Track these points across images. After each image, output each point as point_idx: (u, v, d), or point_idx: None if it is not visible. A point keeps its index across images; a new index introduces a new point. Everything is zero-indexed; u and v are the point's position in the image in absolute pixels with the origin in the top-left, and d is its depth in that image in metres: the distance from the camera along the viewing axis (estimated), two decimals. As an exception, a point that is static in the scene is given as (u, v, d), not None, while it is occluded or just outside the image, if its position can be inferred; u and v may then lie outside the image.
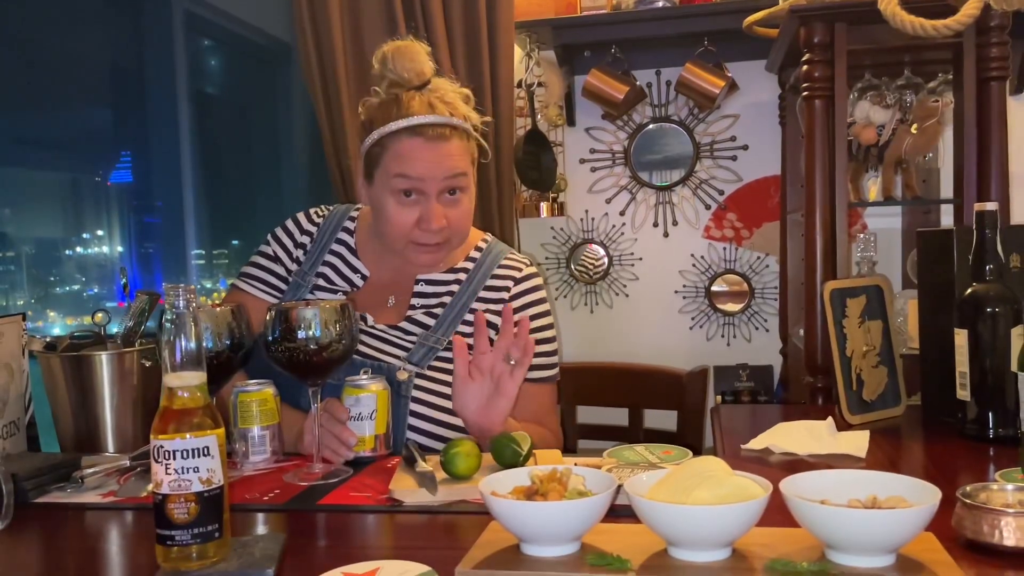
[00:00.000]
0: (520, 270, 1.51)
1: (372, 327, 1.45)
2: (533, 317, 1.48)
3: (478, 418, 1.27)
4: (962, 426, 1.33)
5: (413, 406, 1.39)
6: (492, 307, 1.47)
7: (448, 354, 1.40)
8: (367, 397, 1.27)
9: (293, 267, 1.52)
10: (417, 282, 1.49)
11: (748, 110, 2.50)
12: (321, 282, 1.50)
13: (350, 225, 1.54)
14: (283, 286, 1.51)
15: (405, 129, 1.36)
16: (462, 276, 1.49)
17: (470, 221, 1.46)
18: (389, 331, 1.45)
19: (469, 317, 1.45)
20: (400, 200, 1.38)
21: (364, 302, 1.49)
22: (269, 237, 1.55)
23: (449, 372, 1.39)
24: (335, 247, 1.52)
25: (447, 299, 1.47)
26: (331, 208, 1.58)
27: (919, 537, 0.79)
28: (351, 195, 2.23)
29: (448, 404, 1.38)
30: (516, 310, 1.47)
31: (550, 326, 1.52)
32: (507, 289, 1.49)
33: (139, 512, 1.10)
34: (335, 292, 1.49)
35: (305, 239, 1.53)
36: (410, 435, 1.40)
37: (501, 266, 1.51)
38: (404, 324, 1.46)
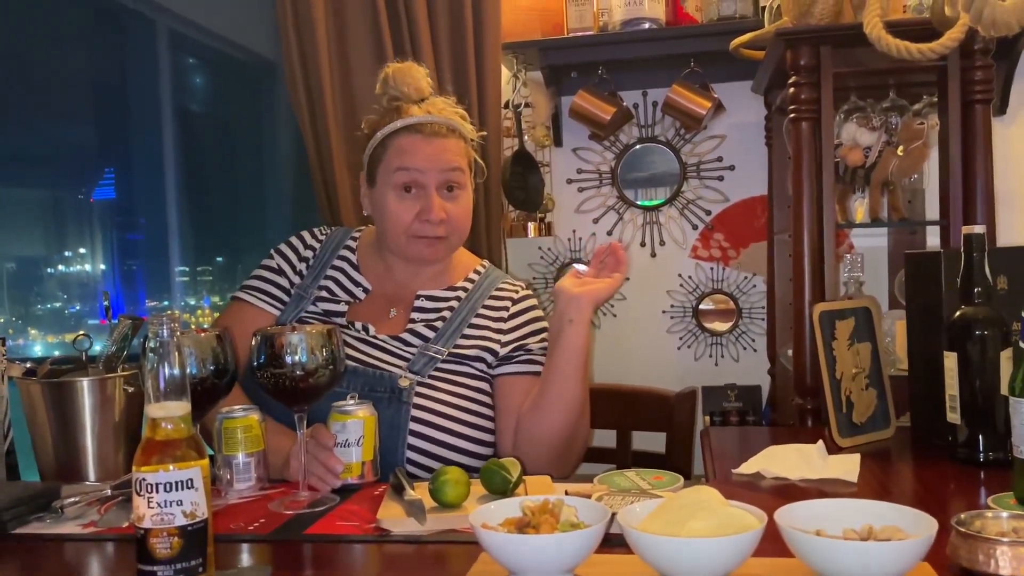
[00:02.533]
0: (517, 291, 1.58)
1: (374, 337, 1.48)
2: (534, 333, 1.53)
3: (574, 289, 1.38)
4: (953, 449, 1.33)
5: (415, 412, 1.39)
6: (492, 324, 1.52)
7: (448, 365, 1.45)
8: (354, 423, 1.25)
9: (296, 280, 1.55)
10: (418, 297, 1.52)
11: (734, 131, 2.51)
12: (324, 294, 1.53)
13: (351, 244, 1.59)
14: (286, 298, 1.54)
15: (405, 128, 1.45)
16: (462, 294, 1.54)
17: (469, 220, 1.51)
18: (390, 341, 1.47)
19: (468, 331, 1.49)
20: (400, 195, 1.45)
21: (366, 313, 1.52)
22: (273, 252, 1.58)
23: (449, 382, 1.44)
24: (337, 263, 1.56)
25: (447, 313, 1.51)
26: (333, 228, 1.64)
27: (915, 568, 0.78)
28: (336, 214, 2.22)
29: (449, 411, 1.42)
30: (518, 325, 1.53)
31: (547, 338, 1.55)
32: (506, 308, 1.54)
33: (120, 543, 1.08)
34: (338, 303, 1.52)
35: (308, 253, 1.58)
36: (411, 440, 1.39)
37: (499, 288, 1.57)
38: (405, 335, 1.48)
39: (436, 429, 1.40)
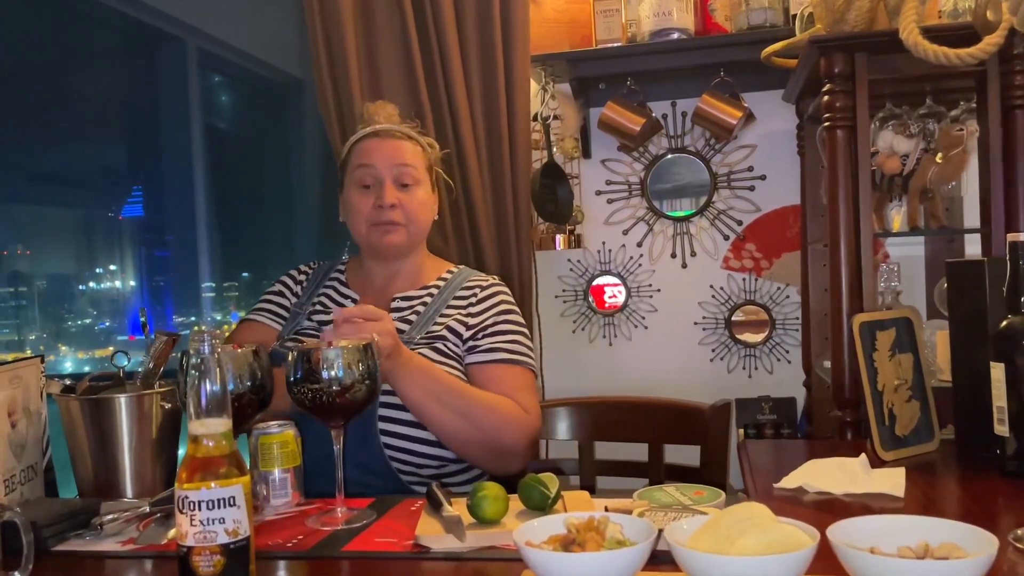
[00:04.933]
0: (487, 281, 1.68)
1: None
2: (498, 313, 1.62)
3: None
4: (1001, 462, 1.29)
5: (384, 397, 1.44)
6: (462, 309, 1.61)
7: (420, 349, 1.53)
8: None
9: (293, 300, 1.72)
10: (394, 299, 1.64)
11: (765, 140, 2.49)
12: (317, 308, 1.68)
13: (341, 267, 1.77)
14: (286, 315, 1.71)
15: (365, 135, 1.65)
16: (434, 291, 1.65)
17: (425, 212, 1.65)
18: None
19: (440, 320, 1.60)
20: (361, 192, 1.62)
21: None
22: (275, 281, 1.78)
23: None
24: (328, 283, 1.74)
25: (420, 308, 1.62)
26: (324, 261, 1.82)
27: (975, 587, 0.76)
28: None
29: None
30: (483, 310, 1.62)
31: (517, 322, 1.64)
32: (475, 295, 1.64)
33: (159, 560, 1.08)
34: (327, 313, 1.65)
35: (303, 277, 1.76)
36: (382, 426, 1.45)
37: (470, 280, 1.67)
38: None
39: (407, 411, 1.45)
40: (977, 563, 0.73)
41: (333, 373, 1.16)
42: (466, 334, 1.58)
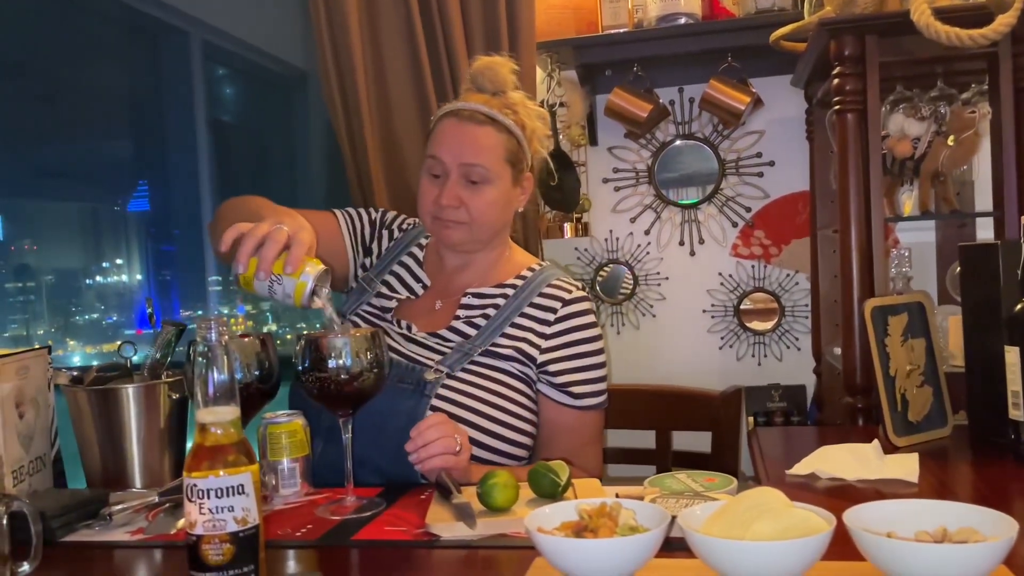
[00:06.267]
0: (569, 292, 1.50)
1: (415, 335, 1.49)
2: (577, 342, 1.47)
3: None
4: (1015, 447, 1.28)
5: (436, 402, 1.38)
6: (536, 327, 1.47)
7: (481, 359, 1.44)
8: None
9: (375, 254, 1.62)
10: (465, 294, 1.51)
11: (773, 126, 2.47)
12: (384, 290, 1.57)
13: (423, 241, 1.63)
14: (359, 243, 1.61)
15: (447, 113, 1.49)
16: (509, 292, 1.50)
17: (493, 212, 1.48)
18: (430, 338, 1.48)
19: (509, 330, 1.46)
20: (429, 179, 1.48)
21: (415, 308, 1.54)
22: (387, 212, 1.67)
23: (483, 376, 1.43)
24: (405, 259, 1.61)
25: (491, 311, 1.49)
26: (413, 224, 1.67)
27: (994, 571, 0.74)
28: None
29: (475, 405, 1.40)
30: (560, 332, 1.47)
31: (597, 352, 1.49)
32: (553, 311, 1.47)
33: (169, 550, 1.07)
34: (390, 299, 1.55)
35: (390, 243, 1.63)
36: None
37: (550, 286, 1.50)
38: (444, 332, 1.48)
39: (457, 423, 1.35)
40: (997, 547, 0.72)
41: (340, 361, 1.15)
42: (540, 358, 1.45)
